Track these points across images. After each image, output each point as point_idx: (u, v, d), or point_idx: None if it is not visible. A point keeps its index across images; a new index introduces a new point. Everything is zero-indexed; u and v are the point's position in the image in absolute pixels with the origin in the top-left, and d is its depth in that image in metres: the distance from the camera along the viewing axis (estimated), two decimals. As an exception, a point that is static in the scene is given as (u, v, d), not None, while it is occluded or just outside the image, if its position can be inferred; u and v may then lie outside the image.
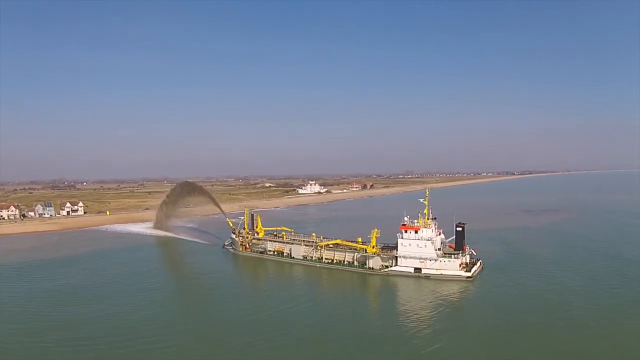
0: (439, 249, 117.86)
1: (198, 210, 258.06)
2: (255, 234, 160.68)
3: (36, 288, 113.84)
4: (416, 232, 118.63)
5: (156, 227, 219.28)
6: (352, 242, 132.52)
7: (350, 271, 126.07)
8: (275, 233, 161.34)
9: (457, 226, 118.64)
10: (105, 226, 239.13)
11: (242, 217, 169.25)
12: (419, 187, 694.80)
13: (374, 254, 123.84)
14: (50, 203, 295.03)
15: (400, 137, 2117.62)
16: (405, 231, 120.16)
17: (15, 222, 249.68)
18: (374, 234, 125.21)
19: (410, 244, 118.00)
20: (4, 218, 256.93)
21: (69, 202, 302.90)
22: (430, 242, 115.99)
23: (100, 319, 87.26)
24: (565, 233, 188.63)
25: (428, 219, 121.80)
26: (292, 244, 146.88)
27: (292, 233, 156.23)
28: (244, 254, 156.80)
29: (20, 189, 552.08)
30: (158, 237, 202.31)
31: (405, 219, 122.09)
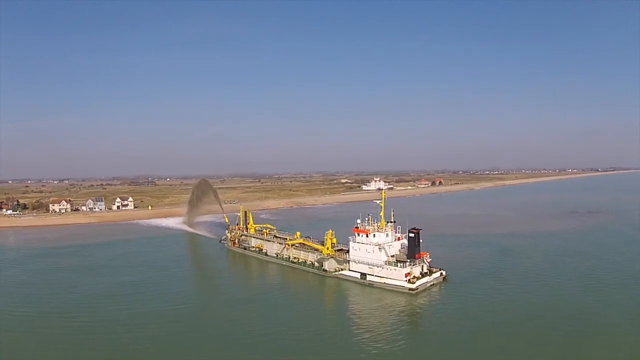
0: (393, 256, 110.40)
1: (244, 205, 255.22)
2: (246, 230, 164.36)
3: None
4: (367, 235, 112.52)
5: (184, 221, 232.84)
6: (313, 242, 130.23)
7: (309, 272, 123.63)
8: (262, 230, 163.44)
9: (410, 232, 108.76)
10: (138, 220, 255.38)
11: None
12: (489, 184, 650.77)
13: (328, 255, 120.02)
14: (102, 198, 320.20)
15: (492, 133, 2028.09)
16: (358, 234, 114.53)
17: (60, 215, 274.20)
18: (329, 235, 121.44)
19: (359, 248, 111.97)
20: (55, 211, 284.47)
21: (119, 197, 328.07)
22: (379, 247, 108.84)
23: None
24: (592, 239, 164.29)
25: (384, 223, 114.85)
26: (268, 241, 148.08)
27: (275, 230, 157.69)
28: (232, 249, 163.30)
29: (97, 185, 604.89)
30: (172, 230, 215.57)
31: (358, 221, 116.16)
